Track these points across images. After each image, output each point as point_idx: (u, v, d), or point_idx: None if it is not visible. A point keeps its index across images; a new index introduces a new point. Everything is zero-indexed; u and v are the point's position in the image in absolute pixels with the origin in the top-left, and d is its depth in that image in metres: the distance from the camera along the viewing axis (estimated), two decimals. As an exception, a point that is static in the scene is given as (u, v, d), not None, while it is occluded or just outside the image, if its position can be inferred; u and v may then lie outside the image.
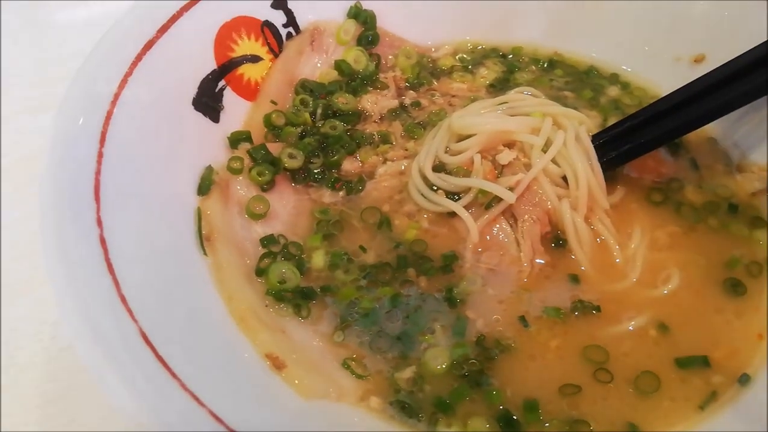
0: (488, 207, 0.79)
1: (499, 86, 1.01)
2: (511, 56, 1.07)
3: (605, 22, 1.04)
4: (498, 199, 0.78)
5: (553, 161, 0.81)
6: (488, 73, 1.03)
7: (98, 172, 0.64)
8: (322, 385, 0.63)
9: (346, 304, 0.74)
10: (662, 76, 1.00)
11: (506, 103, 0.89)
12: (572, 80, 1.03)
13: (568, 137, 0.82)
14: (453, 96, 0.99)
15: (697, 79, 0.80)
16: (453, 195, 0.82)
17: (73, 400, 0.79)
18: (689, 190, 0.86)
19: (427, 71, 1.03)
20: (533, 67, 1.06)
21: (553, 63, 1.06)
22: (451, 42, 1.09)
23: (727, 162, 0.89)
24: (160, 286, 0.61)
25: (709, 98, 0.78)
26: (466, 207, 0.80)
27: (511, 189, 0.78)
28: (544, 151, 0.81)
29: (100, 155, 0.66)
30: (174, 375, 0.50)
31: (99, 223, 0.59)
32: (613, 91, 1.01)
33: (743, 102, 0.77)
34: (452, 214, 0.81)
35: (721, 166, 0.89)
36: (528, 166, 0.81)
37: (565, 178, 0.81)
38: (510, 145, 0.83)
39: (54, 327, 0.86)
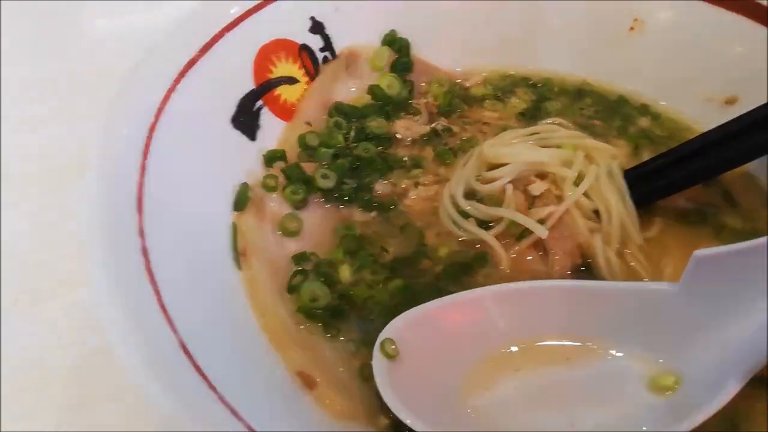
0: (520, 238, 0.80)
1: (530, 115, 1.02)
2: (540, 85, 1.08)
3: (638, 58, 1.05)
4: (530, 231, 0.79)
5: (585, 195, 0.81)
6: (519, 102, 1.04)
7: (141, 184, 0.66)
8: (351, 407, 0.63)
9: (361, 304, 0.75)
10: (692, 115, 1.00)
11: (537, 133, 0.90)
12: (602, 109, 1.03)
13: (600, 171, 0.82)
14: (484, 123, 1.00)
15: (733, 119, 0.80)
16: (484, 223, 0.82)
17: (95, 407, 0.79)
18: (728, 216, 0.86)
19: (458, 98, 1.04)
20: (563, 97, 1.06)
21: (583, 92, 1.07)
22: (482, 70, 1.10)
23: (763, 197, 0.89)
24: (196, 297, 0.62)
25: (745, 138, 0.78)
26: (497, 237, 0.80)
27: (542, 221, 0.79)
28: (576, 185, 0.81)
29: (143, 168, 0.67)
30: (212, 386, 0.50)
31: (141, 233, 0.61)
32: (644, 122, 1.01)
33: None
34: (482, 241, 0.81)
35: (757, 200, 0.88)
36: (560, 199, 0.81)
37: (597, 213, 0.81)
38: (541, 176, 0.84)
39: (82, 332, 0.86)
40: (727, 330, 0.65)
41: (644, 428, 0.63)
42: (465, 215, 0.83)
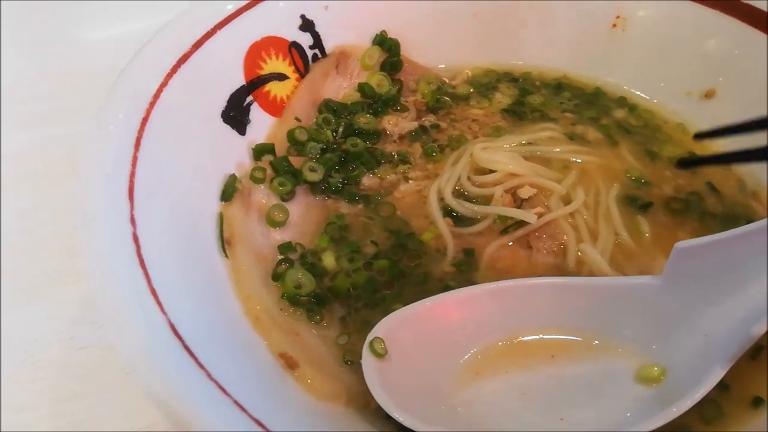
0: (504, 233, 0.83)
1: (514, 110, 1.05)
2: (521, 79, 1.11)
3: (616, 53, 1.08)
4: (515, 228, 0.82)
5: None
6: (503, 97, 1.07)
7: (132, 175, 0.68)
8: (332, 388, 0.66)
9: (344, 294, 0.77)
10: (674, 108, 1.04)
11: (532, 144, 0.94)
12: (580, 102, 1.07)
13: (589, 200, 0.87)
14: (473, 120, 1.03)
15: None
16: (471, 220, 0.86)
17: (87, 399, 0.81)
18: (710, 202, 0.89)
19: (446, 96, 1.07)
20: (544, 90, 1.10)
21: (562, 86, 1.10)
22: (467, 67, 1.13)
23: (742, 186, 0.92)
24: (185, 282, 0.64)
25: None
26: (481, 233, 0.84)
27: None
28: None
29: (135, 159, 0.69)
30: (200, 365, 0.52)
31: (132, 221, 0.63)
32: (620, 114, 1.04)
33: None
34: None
35: (735, 186, 0.92)
36: (548, 208, 0.85)
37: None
38: (533, 186, 0.87)
39: (72, 327, 0.89)
40: (709, 318, 0.67)
41: (632, 419, 0.64)
42: (449, 211, 0.87)
